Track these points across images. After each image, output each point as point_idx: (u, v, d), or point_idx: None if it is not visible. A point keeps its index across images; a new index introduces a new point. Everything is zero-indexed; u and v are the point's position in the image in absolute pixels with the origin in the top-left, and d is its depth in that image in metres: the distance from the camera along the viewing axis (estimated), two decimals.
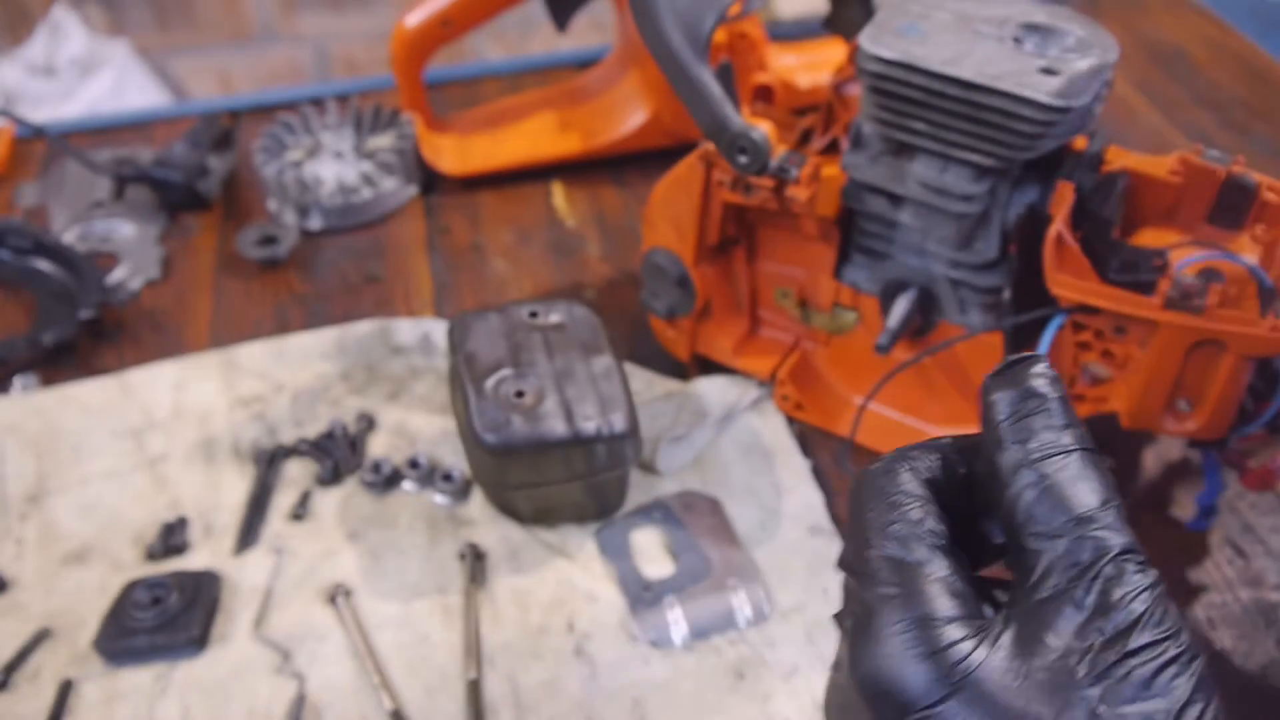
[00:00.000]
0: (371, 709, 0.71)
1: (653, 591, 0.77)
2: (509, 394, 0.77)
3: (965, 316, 0.81)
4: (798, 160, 0.78)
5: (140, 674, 0.73)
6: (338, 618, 0.76)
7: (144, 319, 1.02)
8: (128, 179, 1.13)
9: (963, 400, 0.86)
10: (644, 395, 0.91)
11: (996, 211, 0.76)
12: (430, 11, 1.12)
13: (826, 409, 0.91)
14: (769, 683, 0.73)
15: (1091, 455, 0.39)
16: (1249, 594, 0.79)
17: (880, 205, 0.79)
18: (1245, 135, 1.25)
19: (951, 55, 0.70)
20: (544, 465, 0.76)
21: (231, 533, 0.82)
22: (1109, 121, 1.27)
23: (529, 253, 1.10)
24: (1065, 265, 0.69)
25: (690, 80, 0.75)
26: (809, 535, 0.82)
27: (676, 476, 0.86)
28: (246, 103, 1.30)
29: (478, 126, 1.21)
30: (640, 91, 1.16)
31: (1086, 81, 0.68)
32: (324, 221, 1.12)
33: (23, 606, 0.77)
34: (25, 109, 2.19)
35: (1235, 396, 0.70)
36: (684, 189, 0.83)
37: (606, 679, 0.73)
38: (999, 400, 0.42)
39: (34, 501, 0.84)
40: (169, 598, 0.75)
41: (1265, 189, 0.75)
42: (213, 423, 0.90)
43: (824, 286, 0.87)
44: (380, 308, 1.03)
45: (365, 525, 0.82)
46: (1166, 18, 1.47)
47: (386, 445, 0.88)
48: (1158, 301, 0.67)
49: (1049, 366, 0.41)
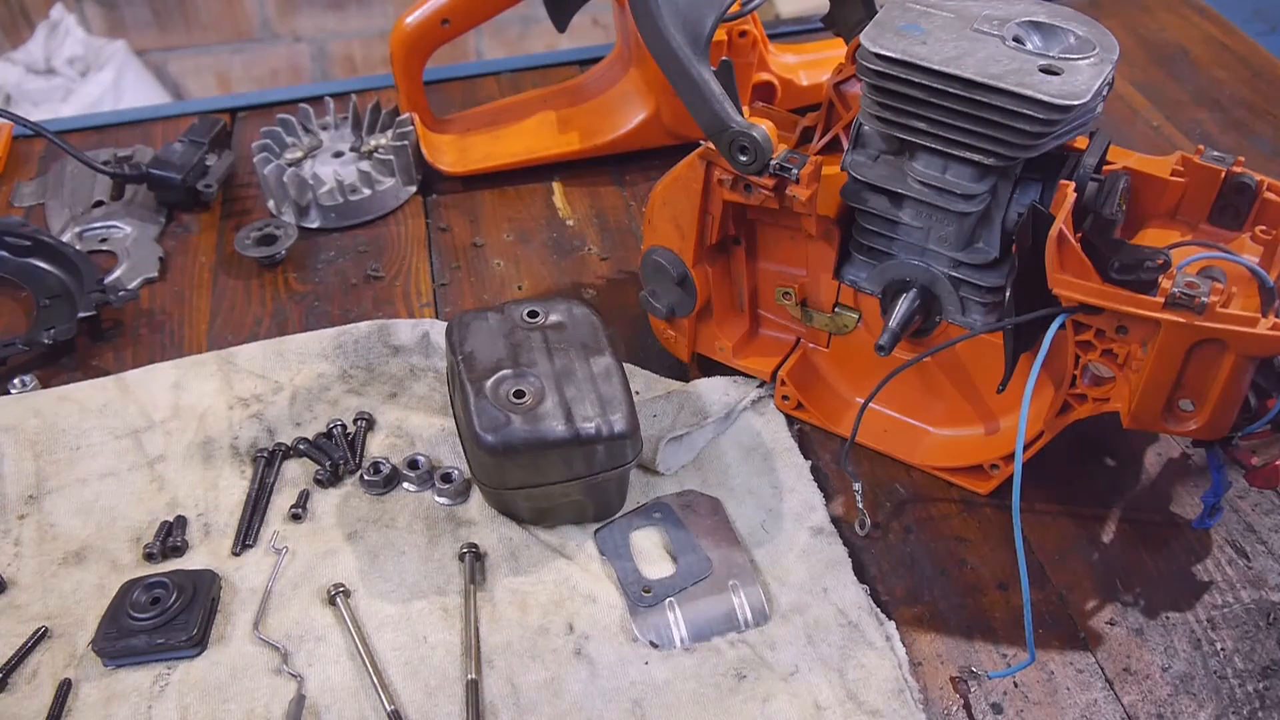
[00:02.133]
0: (370, 709, 0.71)
1: (653, 592, 0.77)
2: (508, 394, 0.77)
3: (966, 316, 0.81)
4: (798, 159, 0.77)
5: (139, 674, 0.73)
6: (337, 618, 0.76)
7: (143, 318, 1.02)
8: (126, 178, 1.13)
9: (964, 400, 0.85)
10: (644, 395, 0.91)
11: (998, 211, 0.76)
12: (429, 10, 1.11)
13: (827, 409, 0.90)
14: (769, 683, 0.73)
15: None
16: (1250, 594, 0.79)
17: (881, 204, 0.79)
18: (1247, 135, 1.24)
19: (953, 54, 0.70)
20: (544, 465, 0.76)
21: (230, 533, 0.82)
22: (1110, 121, 1.27)
23: (529, 252, 1.10)
24: (1067, 265, 0.69)
25: (690, 79, 0.75)
26: (809, 535, 0.82)
27: (676, 476, 0.86)
28: (245, 102, 1.30)
29: (477, 125, 1.21)
30: (640, 90, 1.16)
31: (1087, 81, 0.68)
32: (323, 220, 1.12)
33: (21, 607, 0.77)
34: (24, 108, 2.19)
35: (1237, 396, 0.70)
36: (684, 188, 0.83)
37: (606, 680, 0.73)
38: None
39: (32, 502, 0.84)
40: (167, 598, 0.75)
41: (1266, 189, 0.75)
42: (211, 423, 0.89)
43: (825, 286, 0.87)
44: (379, 307, 1.03)
45: (364, 525, 0.82)
46: (1168, 17, 1.47)
47: (385, 445, 0.88)
48: (1159, 301, 0.66)
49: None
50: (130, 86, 2.25)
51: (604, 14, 2.36)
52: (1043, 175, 0.75)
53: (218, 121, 1.18)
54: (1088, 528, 0.83)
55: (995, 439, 0.84)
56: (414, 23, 1.12)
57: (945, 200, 0.75)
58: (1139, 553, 0.82)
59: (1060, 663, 0.75)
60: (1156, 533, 0.83)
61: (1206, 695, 0.73)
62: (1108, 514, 0.85)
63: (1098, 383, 0.75)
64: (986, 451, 0.83)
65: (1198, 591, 0.79)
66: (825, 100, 0.88)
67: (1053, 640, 0.76)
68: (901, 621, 0.77)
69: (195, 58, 2.45)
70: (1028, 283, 0.72)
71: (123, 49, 2.31)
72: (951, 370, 0.85)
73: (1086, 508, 0.85)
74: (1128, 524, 0.84)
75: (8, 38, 2.35)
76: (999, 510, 0.84)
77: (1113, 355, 0.72)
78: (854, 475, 0.83)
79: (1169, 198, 0.78)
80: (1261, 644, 0.76)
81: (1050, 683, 0.74)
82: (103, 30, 2.37)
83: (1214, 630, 0.77)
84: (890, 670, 0.73)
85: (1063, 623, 0.78)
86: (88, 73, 2.26)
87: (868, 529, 0.83)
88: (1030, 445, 0.79)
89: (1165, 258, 0.67)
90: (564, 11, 1.13)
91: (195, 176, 1.12)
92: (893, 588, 0.80)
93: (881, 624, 0.76)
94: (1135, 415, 0.72)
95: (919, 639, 0.77)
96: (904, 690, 0.72)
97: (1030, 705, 0.73)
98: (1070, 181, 0.72)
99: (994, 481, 0.84)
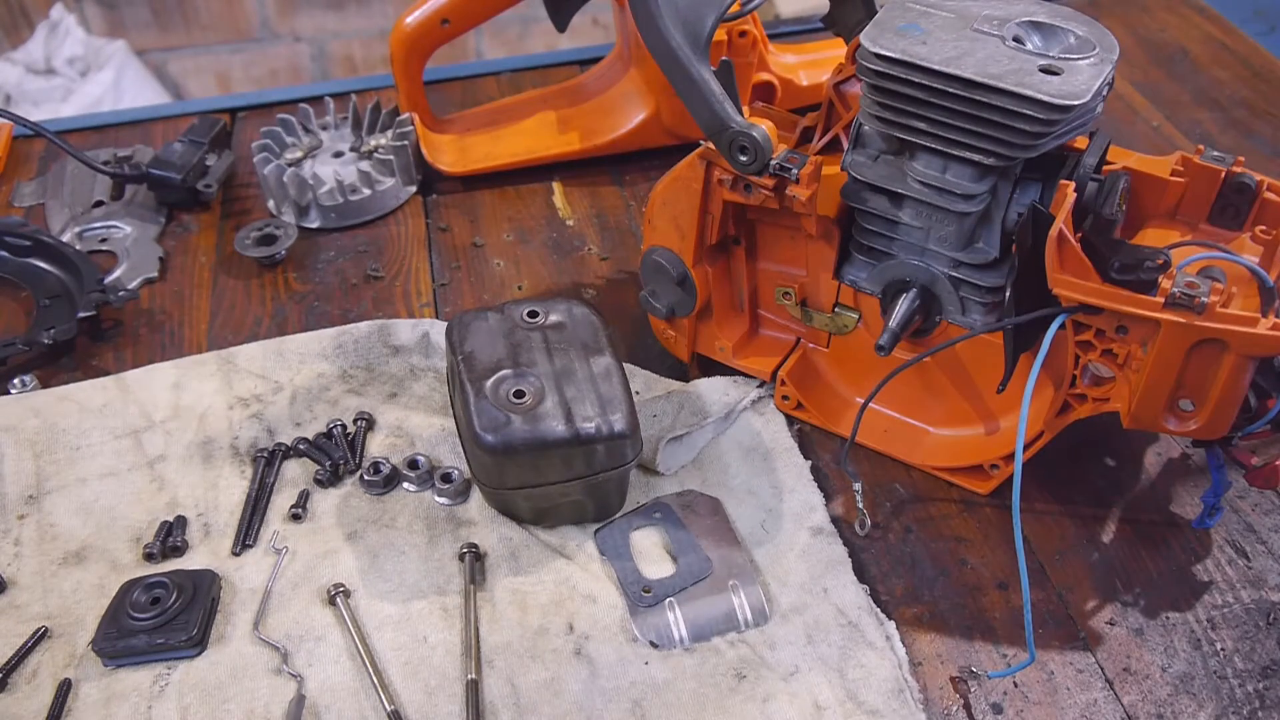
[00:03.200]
0: (370, 709, 0.71)
1: (653, 592, 0.77)
2: (508, 394, 0.77)
3: (966, 316, 0.81)
4: (798, 159, 0.77)
5: (139, 674, 0.73)
6: (337, 618, 0.76)
7: (143, 318, 1.02)
8: (126, 178, 1.13)
9: (964, 400, 0.85)
10: (644, 395, 0.91)
11: (998, 211, 0.76)
12: (429, 10, 1.11)
13: (827, 409, 0.90)
14: (769, 683, 0.73)
15: None
16: (1250, 594, 0.79)
17: (881, 204, 0.79)
18: (1246, 135, 1.24)
19: (953, 54, 0.70)
20: (544, 465, 0.76)
21: (230, 533, 0.82)
22: (1110, 121, 1.27)
23: (529, 252, 1.10)
24: (1067, 265, 0.69)
25: (690, 79, 0.75)
26: (809, 535, 0.82)
27: (676, 476, 0.86)
28: (245, 102, 1.30)
29: (477, 125, 1.21)
30: (640, 90, 1.16)
31: (1087, 81, 0.68)
32: (323, 220, 1.12)
33: (21, 607, 0.77)
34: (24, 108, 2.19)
35: (1237, 396, 0.70)
36: (684, 188, 0.83)
37: (606, 680, 0.73)
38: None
39: (32, 502, 0.84)
40: (167, 598, 0.75)
41: (1266, 189, 0.75)
42: (211, 423, 0.89)
43: (825, 286, 0.87)
44: (379, 307, 1.03)
45: (364, 525, 0.82)
46: (1168, 17, 1.47)
47: (385, 445, 0.88)
48: (1159, 301, 0.66)
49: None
50: (130, 86, 2.25)
51: (604, 14, 2.36)
52: (1043, 175, 0.75)
53: (218, 121, 1.18)
54: (1088, 528, 0.83)
55: (995, 439, 0.84)
56: (414, 23, 1.12)
57: (945, 200, 0.75)
58: (1139, 553, 0.82)
59: (1060, 663, 0.75)
60: (1156, 533, 0.83)
61: (1206, 695, 0.73)
62: (1108, 514, 0.85)
63: (1098, 383, 0.75)
64: (986, 451, 0.83)
65: (1198, 591, 0.79)
66: (825, 100, 0.88)
67: (1053, 640, 0.76)
68: (901, 621, 0.77)
69: (195, 58, 2.45)
70: (1028, 283, 0.72)
71: (123, 49, 2.31)
72: (951, 370, 0.85)
73: (1086, 508, 0.85)
74: (1128, 524, 0.84)
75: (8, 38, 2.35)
76: (999, 510, 0.84)
77: (1113, 355, 0.72)
78: (854, 475, 0.83)
79: (1169, 198, 0.77)
80: (1261, 644, 0.76)
81: (1050, 683, 0.74)
82: (103, 30, 2.37)
83: (1214, 630, 0.77)
84: (890, 670, 0.73)
85: (1063, 623, 0.78)
86: (88, 73, 2.26)
87: (868, 529, 0.83)
88: (1030, 445, 0.79)
89: (1165, 258, 0.67)
90: (564, 11, 1.13)
91: (195, 176, 1.12)
92: (893, 588, 0.80)
93: (881, 624, 0.76)
94: (1135, 415, 0.72)
95: (919, 639, 0.77)
96: (904, 690, 0.72)
97: (1030, 705, 0.73)
98: (1070, 181, 0.72)
99: (994, 481, 0.84)
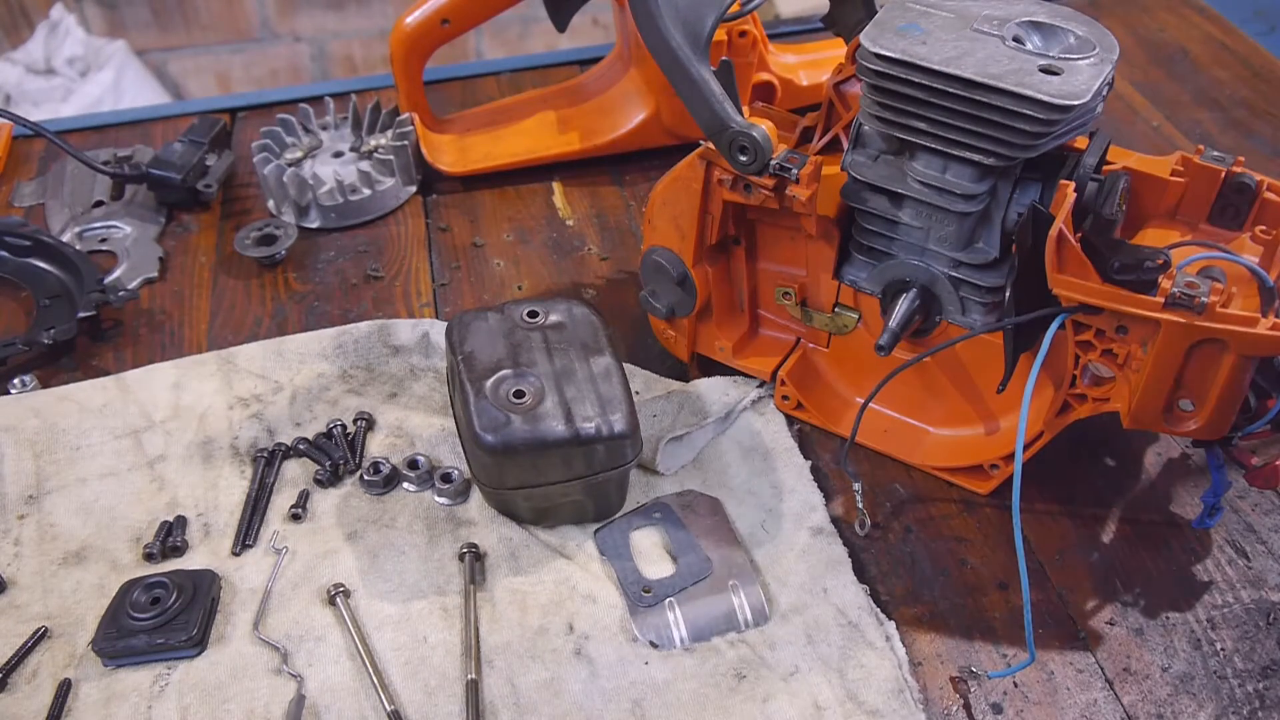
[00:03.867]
0: (370, 709, 0.71)
1: (653, 592, 0.77)
2: (508, 394, 0.77)
3: (966, 316, 0.81)
4: (798, 159, 0.77)
5: (139, 674, 0.73)
6: (336, 618, 0.76)
7: (143, 318, 1.02)
8: (126, 178, 1.13)
9: (964, 400, 0.85)
10: (644, 395, 0.91)
11: (998, 211, 0.76)
12: (429, 10, 1.11)
13: (827, 409, 0.90)
14: (769, 683, 0.73)
15: None
16: (1250, 594, 0.79)
17: (881, 204, 0.79)
18: (1247, 135, 1.24)
19: (953, 54, 0.70)
20: (544, 465, 0.76)
21: (230, 533, 0.82)
22: (1110, 121, 1.27)
23: (529, 252, 1.10)
24: (1067, 265, 0.69)
25: (690, 79, 0.75)
26: (809, 535, 0.82)
27: (676, 476, 0.86)
28: (245, 102, 1.30)
29: (477, 125, 1.21)
30: (640, 90, 1.16)
31: (1087, 81, 0.68)
32: (323, 220, 1.12)
33: (21, 607, 0.77)
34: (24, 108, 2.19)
35: (1236, 396, 0.70)
36: (684, 188, 0.83)
37: (606, 680, 0.73)
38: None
39: (32, 502, 0.84)
40: (167, 598, 0.75)
41: (1266, 189, 0.75)
42: (211, 423, 0.89)
43: (825, 286, 0.87)
44: (379, 307, 1.03)
45: (364, 525, 0.82)
46: (1167, 17, 1.47)
47: (385, 445, 0.88)
48: (1159, 301, 0.66)
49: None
50: (130, 86, 2.25)
51: (604, 14, 2.36)
52: (1043, 175, 0.75)
53: (218, 121, 1.18)
54: (1088, 528, 0.83)
55: (995, 439, 0.84)
56: (414, 23, 1.12)
57: (945, 200, 0.75)
58: (1139, 553, 0.82)
59: (1060, 663, 0.75)
60: (1156, 533, 0.83)
61: (1206, 695, 0.73)
62: (1108, 514, 0.85)
63: (1098, 383, 0.75)
64: (986, 451, 0.83)
65: (1198, 591, 0.79)
66: (825, 100, 0.88)
67: (1053, 640, 0.76)
68: (901, 621, 0.77)
69: (195, 58, 2.45)
70: (1028, 283, 0.72)
71: (123, 49, 2.31)
72: (951, 370, 0.85)
73: (1086, 508, 0.85)
74: (1128, 524, 0.84)
75: (8, 38, 2.35)
76: (999, 510, 0.84)
77: (1113, 355, 0.72)
78: (854, 475, 0.83)
79: (1169, 198, 0.77)
80: (1261, 644, 0.76)
81: (1050, 683, 0.74)
82: (103, 30, 2.37)
83: (1214, 630, 0.77)
84: (890, 670, 0.73)
85: (1063, 623, 0.78)
86: (88, 73, 2.26)
87: (868, 529, 0.83)
88: (1030, 445, 0.79)
89: (1165, 258, 0.67)
90: (564, 11, 1.13)
91: (195, 176, 1.12)
92: (893, 588, 0.80)
93: (881, 624, 0.76)
94: (1135, 415, 0.72)
95: (919, 639, 0.77)
96: (904, 690, 0.72)
97: (1030, 705, 0.73)
98: (1070, 181, 0.72)
99: (994, 481, 0.84)
